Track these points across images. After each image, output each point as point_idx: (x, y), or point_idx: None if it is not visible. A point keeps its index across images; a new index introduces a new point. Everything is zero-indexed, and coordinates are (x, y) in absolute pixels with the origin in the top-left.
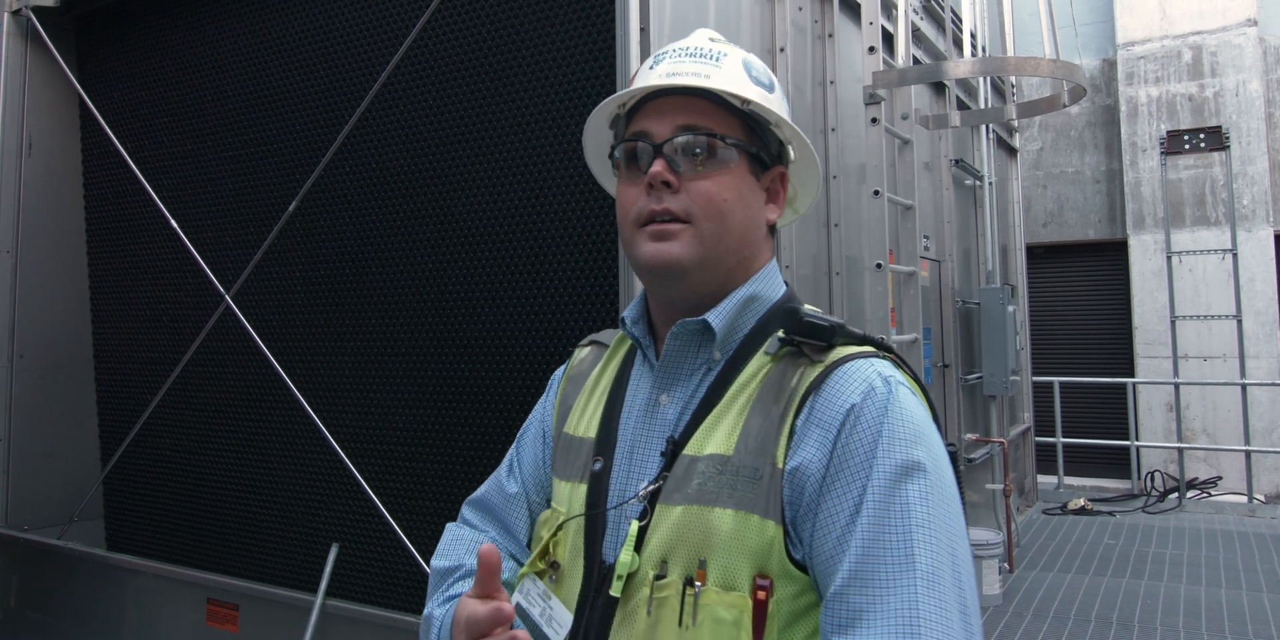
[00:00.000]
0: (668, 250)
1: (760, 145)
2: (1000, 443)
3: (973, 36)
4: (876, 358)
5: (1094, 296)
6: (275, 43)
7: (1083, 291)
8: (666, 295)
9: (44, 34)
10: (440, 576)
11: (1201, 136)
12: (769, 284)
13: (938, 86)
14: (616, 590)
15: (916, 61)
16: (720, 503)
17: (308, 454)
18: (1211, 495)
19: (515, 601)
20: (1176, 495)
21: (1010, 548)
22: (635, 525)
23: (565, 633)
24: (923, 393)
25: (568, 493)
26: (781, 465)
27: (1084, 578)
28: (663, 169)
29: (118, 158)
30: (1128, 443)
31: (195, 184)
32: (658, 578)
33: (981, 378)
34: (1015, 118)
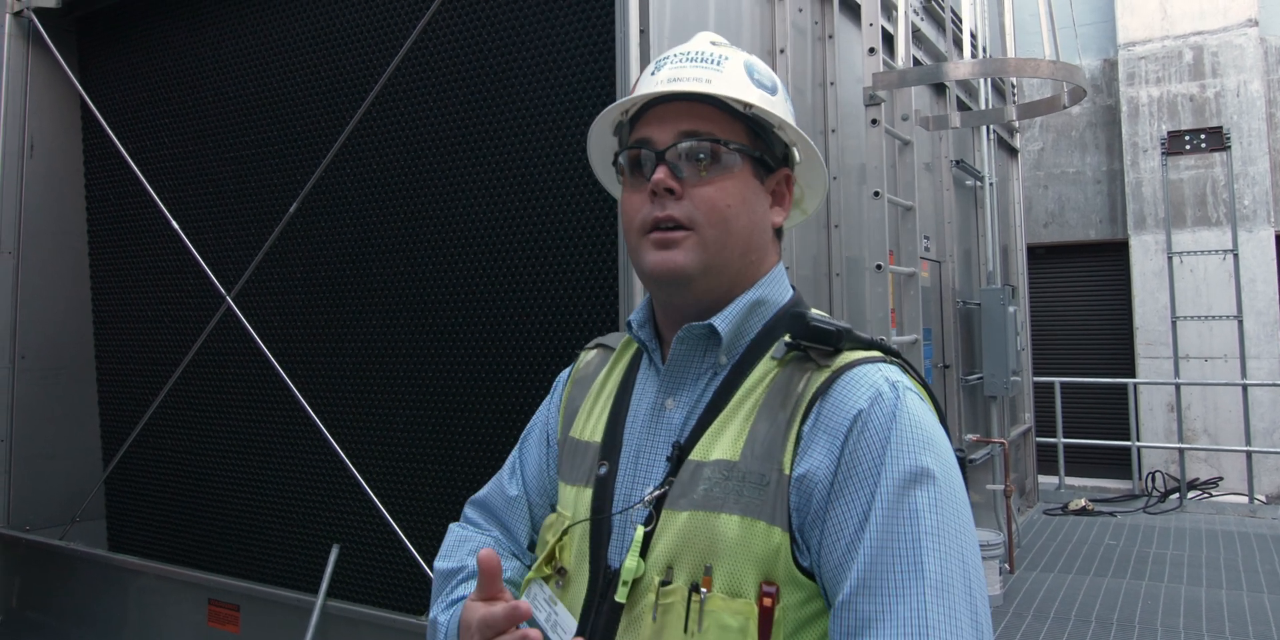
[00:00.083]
0: (672, 258)
1: (764, 149)
2: (1001, 443)
3: (973, 37)
4: (884, 363)
5: (1095, 297)
6: (276, 44)
7: (1084, 292)
8: (672, 302)
9: (46, 35)
10: (444, 578)
11: (1202, 137)
12: (775, 288)
13: (938, 87)
14: (622, 596)
15: (917, 62)
16: (726, 509)
17: (309, 455)
18: (1212, 496)
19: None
20: (1177, 496)
21: (1011, 548)
22: (641, 531)
23: (570, 638)
24: (930, 398)
25: (573, 497)
26: (788, 471)
27: (1085, 578)
28: (665, 176)
29: (119, 159)
30: (1129, 443)
31: (196, 185)
32: (663, 584)
33: (982, 378)
34: (1015, 119)
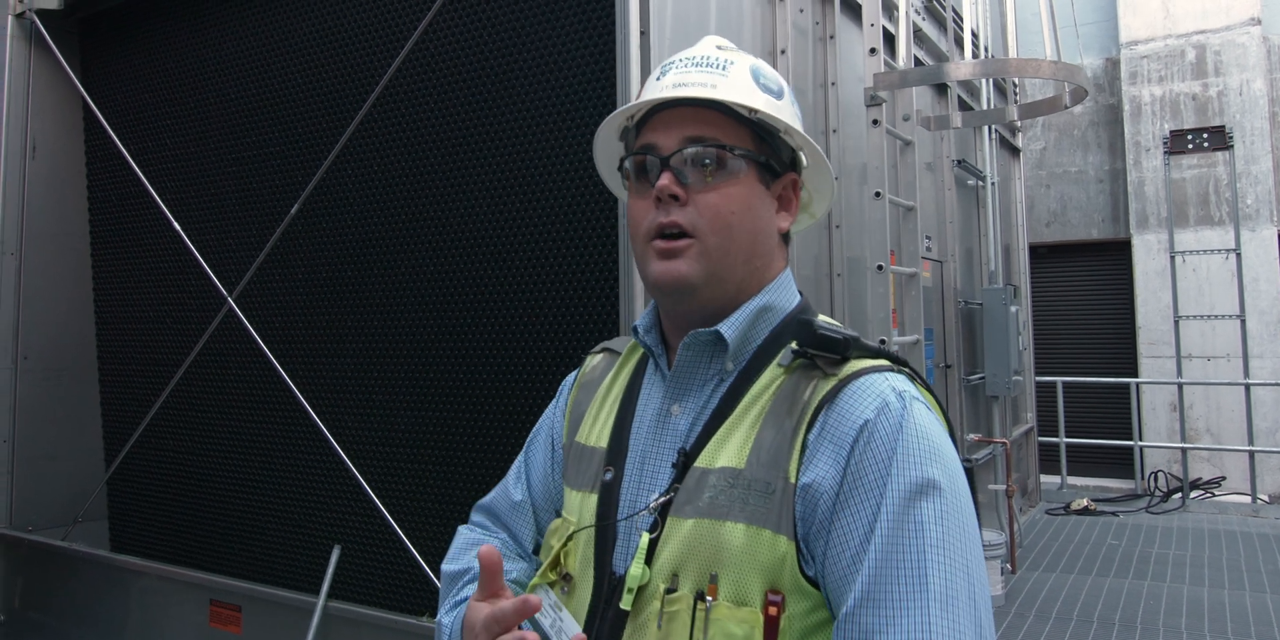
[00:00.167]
0: (675, 268)
1: (770, 153)
2: (1003, 443)
3: (974, 36)
4: (891, 372)
5: (1097, 296)
6: (278, 46)
7: (1086, 291)
8: (678, 310)
9: (48, 37)
10: (450, 581)
11: (1205, 136)
12: (782, 294)
13: (940, 87)
14: (627, 603)
15: (918, 62)
16: (732, 517)
17: (310, 456)
18: (1215, 495)
19: None
20: (1180, 495)
21: (1013, 548)
22: (646, 537)
23: None
24: (939, 408)
25: (578, 502)
26: (794, 480)
27: (1087, 578)
28: (670, 182)
29: (121, 160)
30: (1131, 443)
31: (198, 186)
32: (669, 591)
33: (984, 378)
34: (1017, 119)
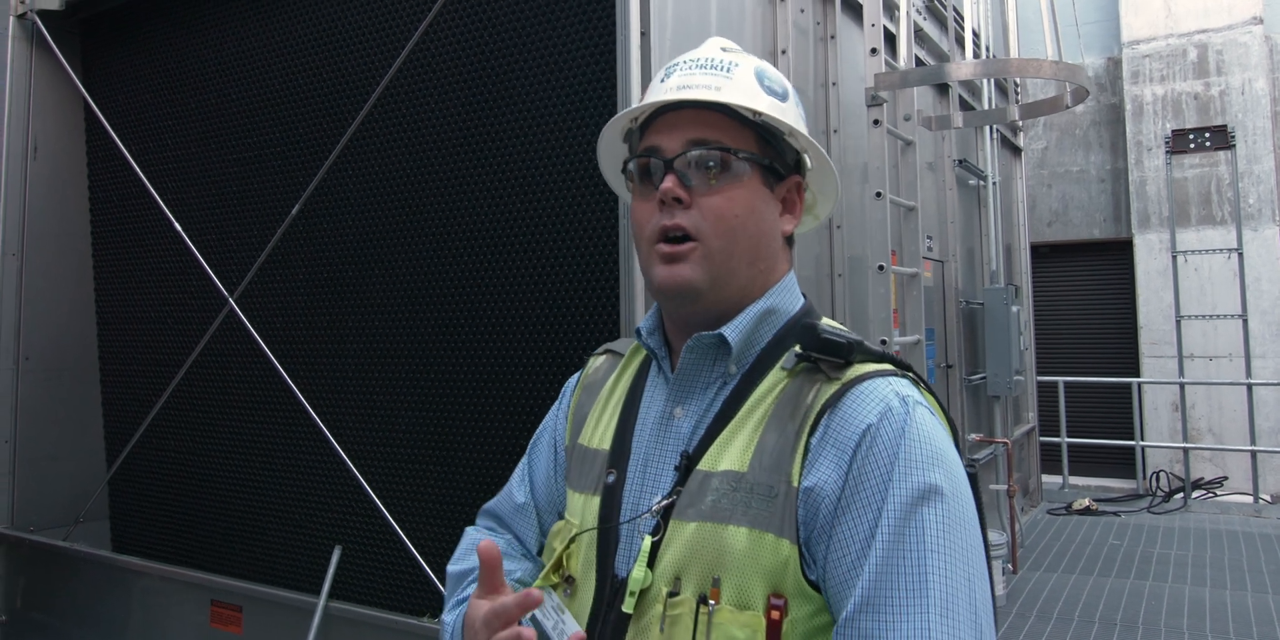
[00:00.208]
0: (680, 273)
1: (774, 156)
2: (1004, 443)
3: (975, 35)
4: (895, 376)
5: (1099, 296)
6: (279, 46)
7: (1088, 291)
8: (682, 314)
9: (49, 37)
10: (455, 581)
11: (1207, 135)
12: (786, 297)
13: (941, 86)
14: (629, 606)
15: (919, 62)
16: (734, 520)
17: (311, 456)
18: (1217, 495)
19: (532, 612)
20: (1182, 495)
21: (1014, 548)
22: (648, 540)
23: None
24: (943, 413)
25: (581, 505)
26: (796, 484)
27: (1088, 578)
28: (673, 185)
29: (122, 161)
30: (1133, 443)
31: (199, 187)
32: (671, 595)
33: (985, 378)
34: (1018, 119)
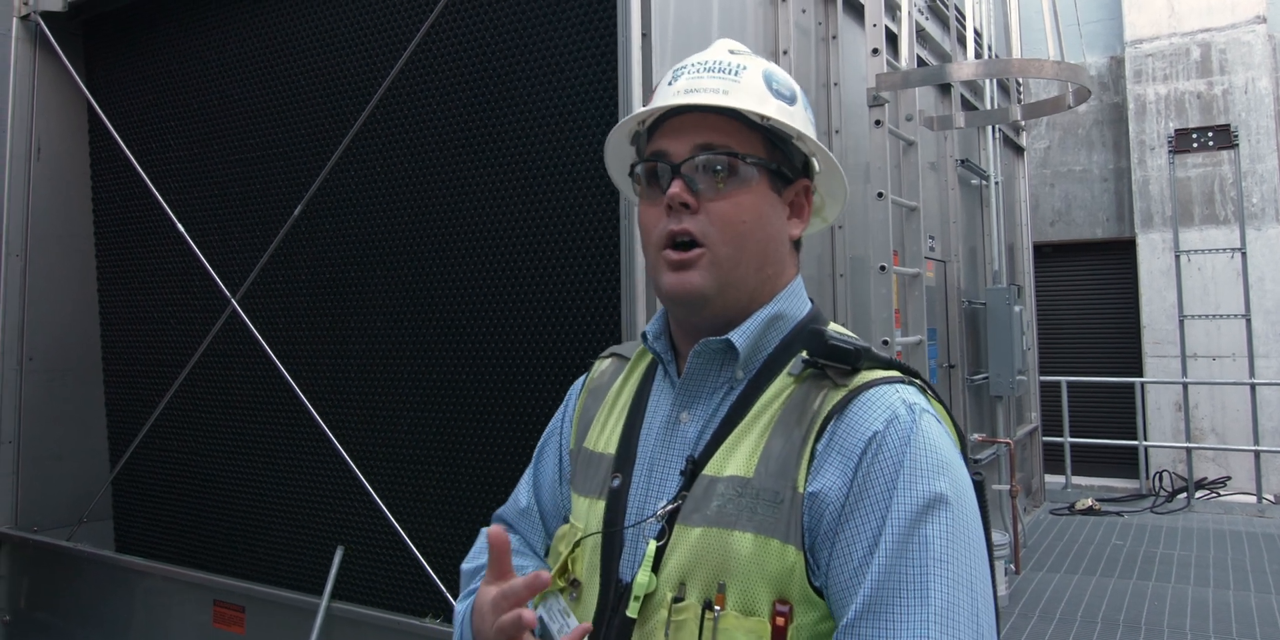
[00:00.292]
0: (688, 280)
1: (782, 160)
2: (1007, 443)
3: (977, 35)
4: (902, 383)
5: (1102, 295)
6: (281, 48)
7: (1090, 290)
8: (690, 320)
9: (52, 39)
10: (467, 577)
11: (1210, 134)
12: (794, 302)
13: (943, 86)
14: (633, 611)
15: (921, 62)
16: (740, 526)
17: (313, 457)
18: (1220, 495)
19: (539, 614)
20: (1185, 495)
21: (1017, 548)
22: (653, 545)
23: None
24: (950, 420)
25: (585, 509)
26: (802, 489)
27: (1091, 579)
28: (681, 190)
29: (125, 162)
30: (1136, 442)
31: (202, 188)
32: (676, 600)
33: (988, 378)
34: (1020, 119)
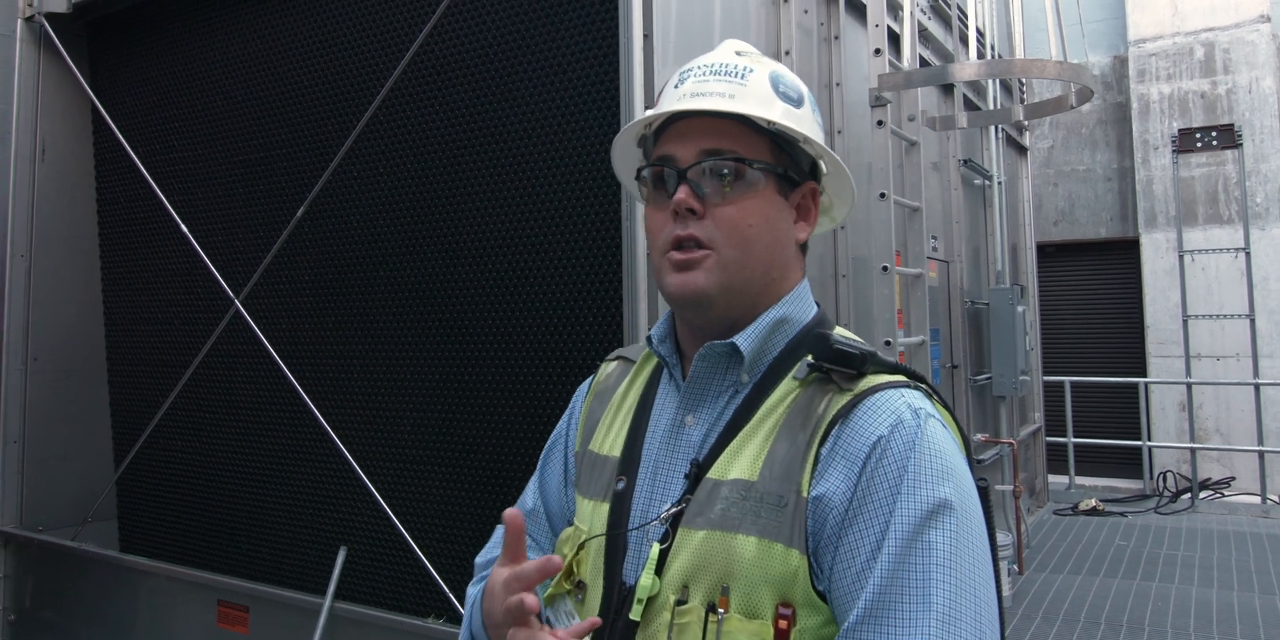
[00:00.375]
0: (692, 281)
1: (789, 163)
2: (1010, 443)
3: (980, 34)
4: (907, 388)
5: (1105, 295)
6: (284, 49)
7: (1094, 290)
8: (695, 322)
9: (56, 40)
10: (479, 569)
11: (1214, 134)
12: (799, 306)
13: (946, 86)
14: (636, 614)
15: (924, 62)
16: (744, 530)
17: (316, 457)
18: (1225, 496)
19: (546, 615)
20: (1189, 496)
21: (1020, 549)
22: (656, 548)
23: None
24: (955, 425)
25: (590, 511)
26: (806, 494)
27: (1095, 579)
28: (687, 196)
29: (129, 163)
30: (1140, 443)
31: (206, 189)
32: (679, 603)
33: (991, 378)
34: (1023, 119)
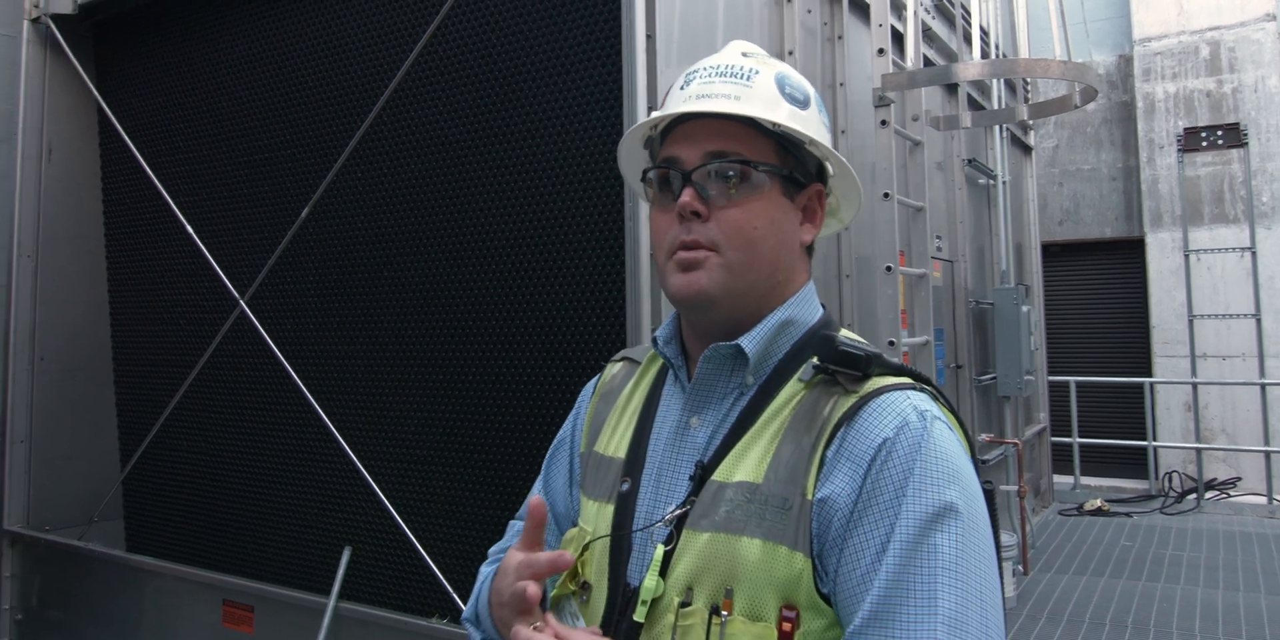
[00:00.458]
0: (695, 281)
1: (795, 165)
2: (1014, 444)
3: (984, 34)
4: (913, 390)
5: (1111, 295)
6: (289, 50)
7: (1099, 290)
8: (699, 323)
9: (62, 41)
10: (493, 555)
11: (1219, 133)
12: (805, 308)
13: (950, 85)
14: (640, 615)
15: (928, 61)
16: (748, 532)
17: (321, 457)
18: (1230, 496)
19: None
20: (1195, 496)
21: (1025, 549)
22: (661, 550)
23: None
24: (960, 427)
25: (594, 512)
26: (811, 496)
27: (1100, 580)
28: (691, 199)
29: (135, 163)
30: (1145, 443)
31: (211, 189)
32: (683, 605)
33: (995, 378)
34: (1027, 118)
